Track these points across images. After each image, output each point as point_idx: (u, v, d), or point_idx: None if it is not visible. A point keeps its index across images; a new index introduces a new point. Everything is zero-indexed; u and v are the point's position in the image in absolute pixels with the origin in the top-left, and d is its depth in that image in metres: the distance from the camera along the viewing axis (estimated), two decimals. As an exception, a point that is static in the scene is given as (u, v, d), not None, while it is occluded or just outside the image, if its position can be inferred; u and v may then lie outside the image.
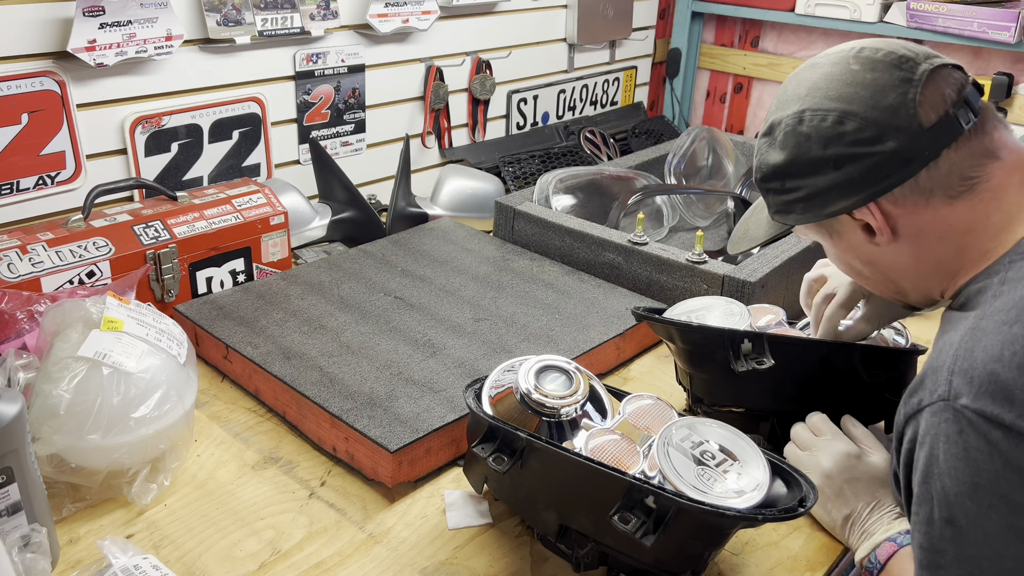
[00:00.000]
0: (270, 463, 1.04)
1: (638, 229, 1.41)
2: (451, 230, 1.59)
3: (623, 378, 1.28)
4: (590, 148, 2.17)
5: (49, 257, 1.19)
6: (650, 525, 0.77)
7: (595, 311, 1.31)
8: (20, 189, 1.35)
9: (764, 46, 2.46)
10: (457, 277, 1.40)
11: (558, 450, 0.82)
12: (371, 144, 1.86)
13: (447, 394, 1.08)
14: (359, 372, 1.12)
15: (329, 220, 1.63)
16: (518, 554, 0.92)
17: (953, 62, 0.81)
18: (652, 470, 0.82)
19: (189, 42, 1.49)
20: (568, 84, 2.28)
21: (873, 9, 2.11)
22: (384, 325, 1.24)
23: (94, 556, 0.88)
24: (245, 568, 0.88)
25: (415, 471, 1.02)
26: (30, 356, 0.99)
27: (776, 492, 0.83)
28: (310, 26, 1.63)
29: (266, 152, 1.67)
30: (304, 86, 1.69)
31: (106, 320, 0.97)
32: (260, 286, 1.34)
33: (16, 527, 0.81)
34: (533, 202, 1.58)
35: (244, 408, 1.15)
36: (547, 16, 2.16)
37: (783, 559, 0.94)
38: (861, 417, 1.12)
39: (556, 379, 0.92)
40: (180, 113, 1.51)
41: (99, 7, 1.32)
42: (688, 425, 0.85)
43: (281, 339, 1.19)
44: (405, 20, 1.78)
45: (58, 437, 0.91)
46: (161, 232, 1.30)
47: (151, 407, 0.94)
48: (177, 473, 1.01)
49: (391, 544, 0.93)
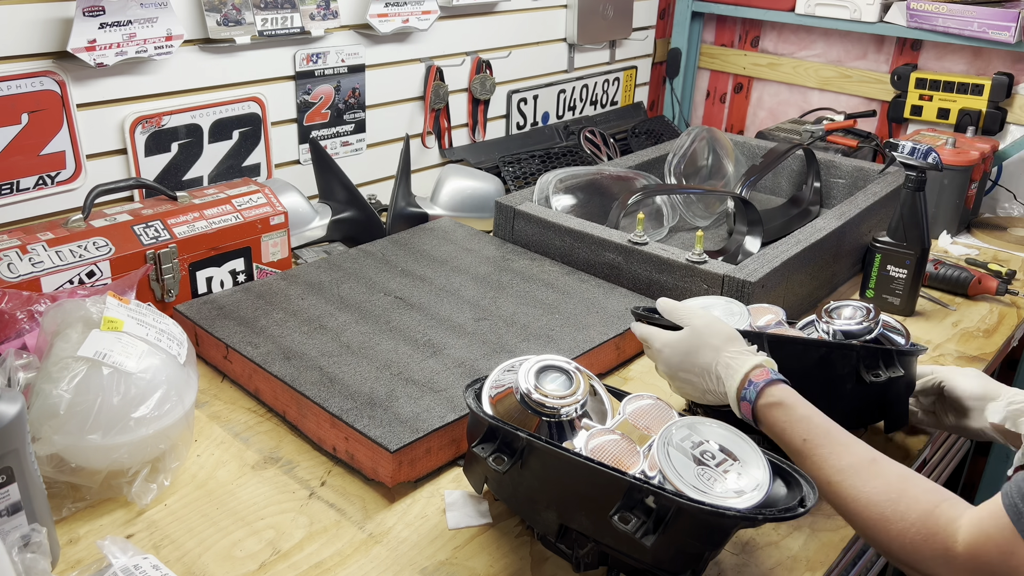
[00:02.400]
0: (270, 463, 1.05)
1: (638, 229, 1.41)
2: (451, 230, 1.59)
3: (623, 378, 1.28)
4: (590, 148, 2.17)
5: (49, 257, 1.19)
6: (650, 525, 0.77)
7: (595, 311, 1.31)
8: (20, 189, 1.35)
9: (764, 46, 2.46)
10: (457, 277, 1.40)
11: (558, 450, 0.82)
12: (371, 144, 1.86)
13: (447, 394, 1.08)
14: (359, 372, 1.12)
15: (329, 220, 1.63)
16: (518, 554, 0.92)
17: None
18: (652, 470, 0.82)
19: (189, 42, 1.49)
20: (568, 84, 2.28)
21: (873, 9, 2.11)
22: (384, 325, 1.24)
23: (94, 556, 0.88)
24: (245, 568, 0.88)
25: (415, 471, 1.02)
26: (30, 356, 0.99)
27: (776, 492, 0.83)
28: (310, 26, 1.63)
29: (266, 152, 1.67)
30: (304, 86, 1.69)
31: (106, 320, 0.97)
32: (260, 286, 1.34)
33: (16, 527, 0.81)
34: (533, 202, 1.58)
35: (244, 408, 1.15)
36: (547, 16, 2.16)
37: (783, 559, 0.94)
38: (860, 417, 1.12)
39: (556, 379, 0.92)
40: (180, 113, 1.51)
41: (99, 7, 1.32)
42: (688, 425, 0.85)
43: (281, 339, 1.19)
44: (405, 20, 1.78)
45: (58, 437, 0.91)
46: (161, 232, 1.30)
47: (151, 407, 0.94)
48: (177, 473, 1.01)
49: (391, 544, 0.93)
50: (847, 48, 2.30)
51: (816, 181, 1.84)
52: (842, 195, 1.83)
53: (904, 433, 1.17)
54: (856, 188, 1.80)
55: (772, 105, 2.50)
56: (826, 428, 0.87)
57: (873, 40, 2.25)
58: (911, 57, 2.19)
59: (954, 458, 1.62)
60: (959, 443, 1.62)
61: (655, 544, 0.76)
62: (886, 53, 2.24)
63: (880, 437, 1.16)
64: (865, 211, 1.56)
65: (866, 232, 1.60)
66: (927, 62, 2.18)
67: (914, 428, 1.18)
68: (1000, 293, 1.55)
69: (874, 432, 1.16)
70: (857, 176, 1.81)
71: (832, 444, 0.85)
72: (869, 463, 0.83)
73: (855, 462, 0.83)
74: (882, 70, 2.25)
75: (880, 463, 0.83)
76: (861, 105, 2.30)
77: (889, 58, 2.23)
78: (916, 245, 1.43)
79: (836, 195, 1.84)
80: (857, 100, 2.32)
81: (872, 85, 2.26)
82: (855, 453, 0.84)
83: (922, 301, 1.53)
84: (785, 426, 0.88)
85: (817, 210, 1.82)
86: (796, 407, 0.88)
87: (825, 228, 1.47)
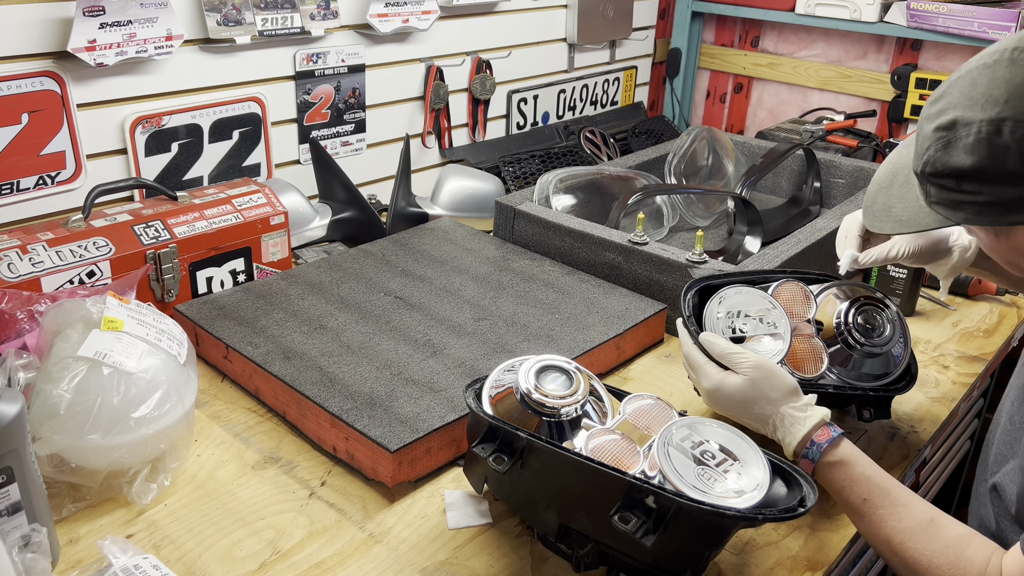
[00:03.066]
0: (270, 463, 1.05)
1: (638, 229, 1.41)
2: (451, 230, 1.59)
3: (623, 378, 1.28)
4: (590, 148, 2.17)
5: (49, 257, 1.19)
6: (650, 525, 0.77)
7: (595, 311, 1.31)
8: (20, 189, 1.35)
9: (764, 46, 2.46)
10: (457, 277, 1.40)
11: (558, 450, 0.82)
12: (371, 144, 1.86)
13: (447, 394, 1.08)
14: (359, 372, 1.12)
15: (329, 220, 1.63)
16: (518, 554, 0.92)
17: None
18: (652, 470, 0.82)
19: (189, 42, 1.49)
20: (568, 84, 2.29)
21: (873, 9, 2.11)
22: (384, 325, 1.24)
23: (94, 556, 0.88)
24: (245, 568, 0.88)
25: (415, 471, 1.02)
26: (30, 356, 0.99)
27: (776, 492, 0.83)
28: (310, 26, 1.63)
29: (266, 152, 1.67)
30: (304, 86, 1.69)
31: (106, 320, 0.97)
32: (260, 286, 1.34)
33: (16, 527, 0.81)
34: (533, 202, 1.58)
35: (244, 408, 1.15)
36: (547, 16, 2.16)
37: (783, 559, 0.94)
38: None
39: (556, 379, 0.92)
40: (180, 113, 1.51)
41: (99, 7, 1.32)
42: (688, 425, 0.85)
43: (281, 339, 1.19)
44: (405, 20, 1.78)
45: (58, 437, 0.91)
46: (161, 232, 1.30)
47: (151, 407, 0.95)
48: (177, 473, 1.01)
49: (391, 544, 0.93)
50: (847, 48, 2.30)
51: (816, 181, 1.84)
52: (842, 195, 1.83)
53: (904, 433, 1.17)
54: (856, 188, 1.80)
55: (772, 105, 2.50)
56: (886, 488, 0.87)
57: (873, 40, 2.25)
58: (911, 57, 2.19)
59: (954, 458, 1.62)
60: (959, 443, 1.62)
61: (655, 544, 0.76)
62: (886, 53, 2.24)
63: (881, 437, 1.16)
64: (865, 211, 1.56)
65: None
66: (927, 62, 2.18)
67: (914, 427, 1.18)
68: (1000, 293, 1.55)
69: (876, 431, 1.16)
70: (857, 176, 1.81)
71: (892, 504, 0.86)
72: (928, 524, 0.84)
73: (914, 524, 0.85)
74: (882, 70, 2.25)
75: (938, 525, 0.84)
76: (861, 105, 2.31)
77: (889, 58, 2.23)
78: (916, 245, 1.43)
79: (836, 195, 1.84)
80: (857, 100, 2.32)
81: (872, 85, 2.26)
82: (914, 514, 0.85)
83: (922, 301, 1.53)
84: (845, 484, 0.89)
85: (817, 210, 1.82)
86: (856, 465, 0.89)
87: (825, 228, 1.47)
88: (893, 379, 1.07)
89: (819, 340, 1.07)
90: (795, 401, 0.94)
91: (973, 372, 1.33)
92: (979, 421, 1.71)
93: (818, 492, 0.83)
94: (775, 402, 0.94)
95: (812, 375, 1.04)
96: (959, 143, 0.77)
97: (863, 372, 1.06)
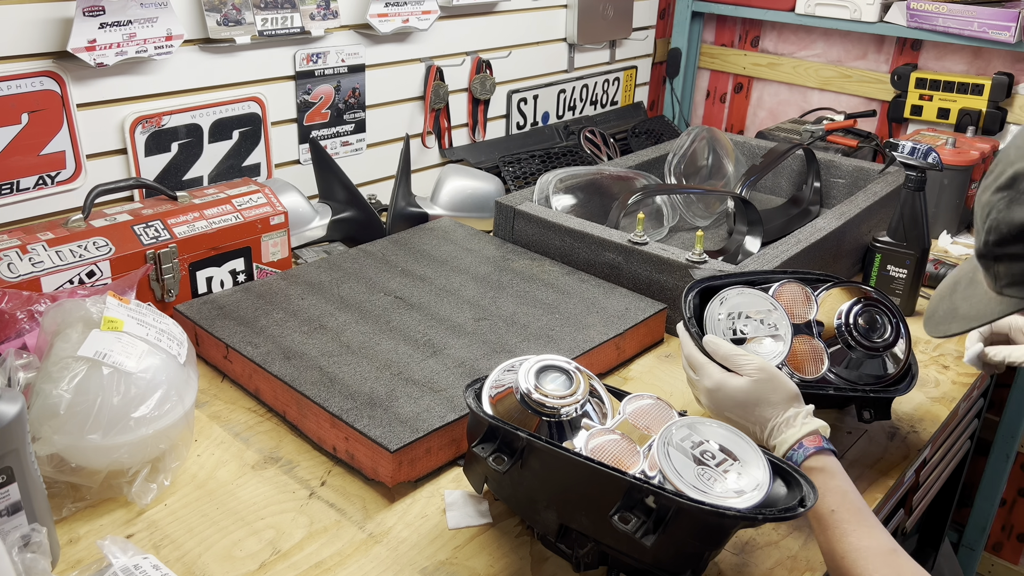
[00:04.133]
0: (270, 463, 1.05)
1: (638, 229, 1.41)
2: (451, 230, 1.59)
3: (623, 378, 1.28)
4: (590, 148, 2.17)
5: (49, 257, 1.19)
6: (650, 525, 0.77)
7: (595, 311, 1.31)
8: (20, 189, 1.35)
9: (764, 46, 2.46)
10: (457, 277, 1.40)
11: (558, 450, 0.82)
12: (371, 144, 1.86)
13: (447, 394, 1.08)
14: (359, 372, 1.12)
15: (329, 220, 1.63)
16: (518, 554, 0.92)
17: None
18: (652, 470, 0.82)
19: (189, 42, 1.49)
20: (568, 84, 2.28)
21: (873, 9, 2.11)
22: (384, 325, 1.24)
23: (94, 556, 0.88)
24: (245, 568, 0.88)
25: (415, 471, 1.02)
26: (30, 356, 0.99)
27: (776, 492, 0.83)
28: (310, 26, 1.63)
29: (266, 152, 1.67)
30: (304, 86, 1.69)
31: (106, 320, 0.97)
32: (260, 286, 1.34)
33: (16, 527, 0.81)
34: (533, 202, 1.58)
35: (244, 408, 1.15)
36: (547, 16, 2.16)
37: (783, 559, 0.94)
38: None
39: (556, 379, 0.92)
40: (180, 113, 1.51)
41: (99, 7, 1.32)
42: (688, 425, 0.85)
43: (281, 339, 1.19)
44: (405, 20, 1.78)
45: (58, 437, 0.91)
46: (161, 232, 1.30)
47: (151, 407, 0.94)
48: (177, 473, 1.01)
49: (391, 544, 0.93)
50: (847, 48, 2.30)
51: (816, 181, 1.84)
52: (842, 195, 1.83)
53: (904, 433, 1.17)
54: (856, 188, 1.80)
55: (772, 105, 2.50)
56: (858, 507, 0.86)
57: (873, 40, 2.25)
58: (911, 57, 2.19)
59: (954, 458, 1.62)
60: (959, 443, 1.62)
61: (655, 544, 0.76)
62: (886, 53, 2.24)
63: (881, 437, 1.16)
64: (865, 211, 1.56)
65: (866, 232, 1.60)
66: (927, 62, 2.18)
67: (914, 427, 1.18)
68: (1000, 293, 1.55)
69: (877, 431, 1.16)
70: (857, 176, 1.81)
71: (859, 523, 0.84)
72: (888, 553, 0.82)
73: (875, 546, 0.82)
74: (882, 70, 2.25)
75: (899, 557, 0.81)
76: (861, 105, 2.30)
77: (889, 58, 2.23)
78: (916, 245, 1.43)
79: (836, 195, 1.84)
80: (857, 100, 2.32)
81: (872, 85, 2.26)
82: (877, 539, 0.83)
83: (922, 301, 1.53)
84: (819, 492, 0.87)
85: (817, 210, 1.82)
86: (836, 477, 0.88)
87: (825, 228, 1.47)
88: (893, 379, 1.07)
89: (819, 341, 1.07)
90: (796, 408, 0.94)
91: (973, 372, 1.33)
92: (979, 421, 1.71)
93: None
94: (775, 405, 0.94)
95: (812, 376, 1.04)
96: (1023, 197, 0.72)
97: (863, 373, 1.06)
